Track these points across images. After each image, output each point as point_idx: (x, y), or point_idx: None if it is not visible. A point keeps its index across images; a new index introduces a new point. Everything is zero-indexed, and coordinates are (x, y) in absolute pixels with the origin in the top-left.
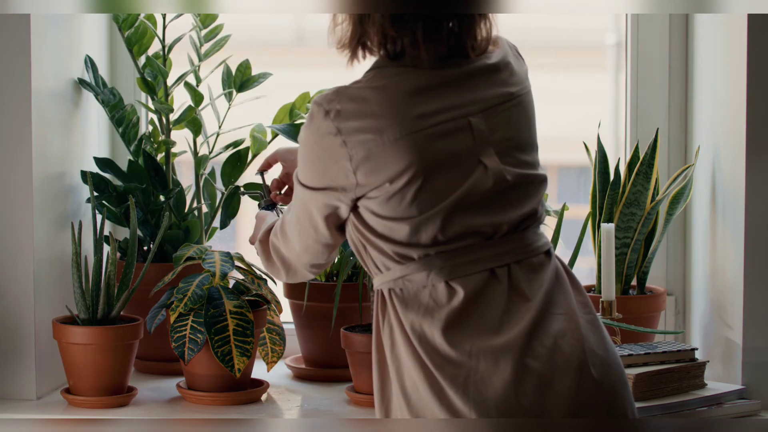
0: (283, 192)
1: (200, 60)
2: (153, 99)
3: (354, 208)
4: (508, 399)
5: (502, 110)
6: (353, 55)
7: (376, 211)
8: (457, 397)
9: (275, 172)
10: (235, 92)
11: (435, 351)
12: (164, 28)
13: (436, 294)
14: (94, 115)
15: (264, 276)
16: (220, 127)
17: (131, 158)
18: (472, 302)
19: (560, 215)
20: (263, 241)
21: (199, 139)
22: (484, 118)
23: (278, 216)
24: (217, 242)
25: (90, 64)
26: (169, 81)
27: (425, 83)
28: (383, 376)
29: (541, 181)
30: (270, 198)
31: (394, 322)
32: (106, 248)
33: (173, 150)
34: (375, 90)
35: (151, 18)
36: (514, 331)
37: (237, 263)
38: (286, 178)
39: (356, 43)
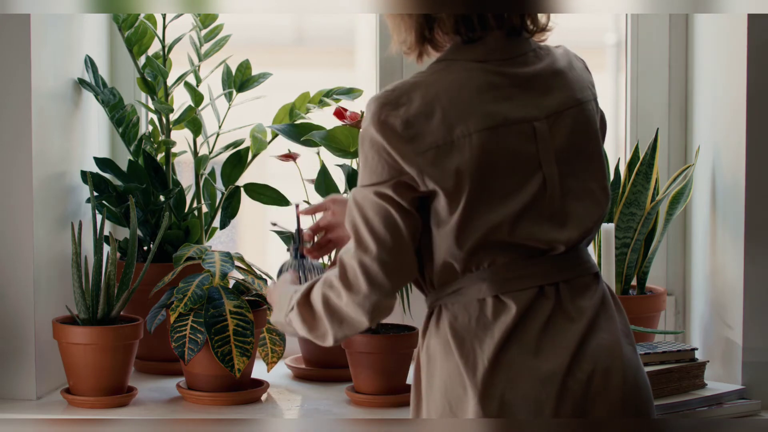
0: (316, 241)
1: (200, 60)
2: (153, 99)
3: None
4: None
5: (566, 117)
6: (421, 53)
7: (433, 216)
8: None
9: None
10: (235, 92)
11: (476, 367)
12: (164, 28)
13: (486, 308)
14: (94, 115)
15: (264, 276)
16: (220, 127)
17: (131, 158)
18: (521, 319)
19: None
20: (301, 303)
21: (199, 139)
22: (547, 124)
23: (299, 278)
24: (217, 242)
25: (90, 64)
26: (169, 81)
27: (493, 81)
28: (419, 393)
29: (604, 198)
30: (301, 248)
31: (439, 337)
32: (106, 248)
33: (173, 150)
34: (441, 84)
35: (151, 18)
36: (558, 355)
37: (237, 263)
38: (326, 224)
39: (422, 39)
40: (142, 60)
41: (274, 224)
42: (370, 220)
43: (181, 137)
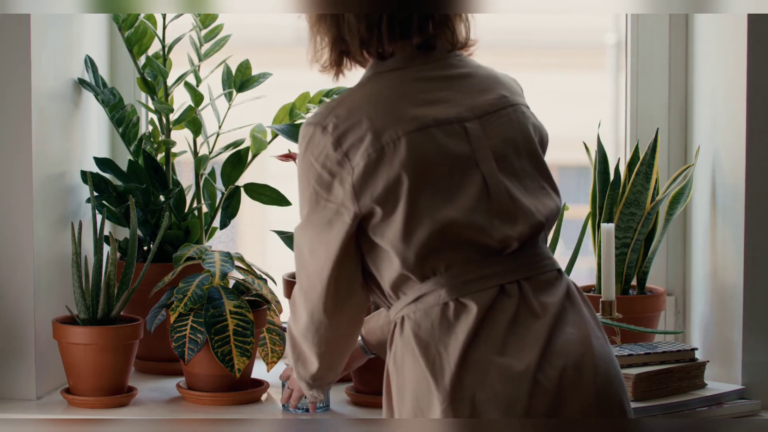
0: None
1: (200, 60)
2: (153, 99)
3: (359, 235)
4: (516, 415)
5: (500, 116)
6: (339, 70)
7: (377, 229)
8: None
9: None
10: (235, 92)
11: (443, 371)
12: (164, 28)
13: (448, 312)
14: (94, 115)
15: (264, 276)
16: (220, 127)
17: (131, 158)
18: (484, 319)
19: (560, 215)
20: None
21: (199, 139)
22: (480, 124)
23: None
24: (217, 242)
25: (90, 64)
26: (169, 81)
27: (418, 85)
28: (391, 404)
29: (553, 194)
30: None
31: (405, 347)
32: (106, 248)
33: (173, 150)
34: (366, 96)
35: (151, 18)
36: (527, 352)
37: (237, 263)
38: None
39: (339, 56)
40: (142, 60)
41: None
42: (301, 255)
43: (181, 137)
